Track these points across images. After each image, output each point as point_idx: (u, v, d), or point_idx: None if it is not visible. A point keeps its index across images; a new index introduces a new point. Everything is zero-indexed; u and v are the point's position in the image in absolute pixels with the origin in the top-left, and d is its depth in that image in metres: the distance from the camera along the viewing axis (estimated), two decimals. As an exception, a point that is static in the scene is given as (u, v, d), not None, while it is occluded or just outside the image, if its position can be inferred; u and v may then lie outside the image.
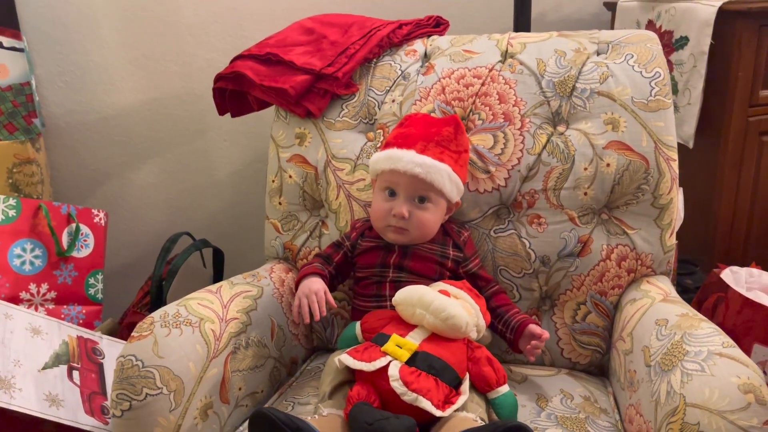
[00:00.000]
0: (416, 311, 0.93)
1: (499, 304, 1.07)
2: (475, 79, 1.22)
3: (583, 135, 1.14)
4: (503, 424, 0.77)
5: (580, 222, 1.13)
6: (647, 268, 1.12)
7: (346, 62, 1.27)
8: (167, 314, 0.96)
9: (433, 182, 1.03)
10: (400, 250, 1.08)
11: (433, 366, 0.89)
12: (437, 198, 1.06)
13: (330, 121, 1.27)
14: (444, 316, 0.91)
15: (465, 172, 1.11)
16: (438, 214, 1.07)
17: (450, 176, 1.05)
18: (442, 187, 1.04)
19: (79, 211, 1.42)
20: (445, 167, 1.04)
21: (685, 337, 0.86)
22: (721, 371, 0.77)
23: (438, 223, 1.08)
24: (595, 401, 1.02)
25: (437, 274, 1.07)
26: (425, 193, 1.05)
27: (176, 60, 1.68)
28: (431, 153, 1.05)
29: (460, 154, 1.09)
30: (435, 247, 1.08)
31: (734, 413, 0.72)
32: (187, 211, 1.78)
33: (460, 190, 1.09)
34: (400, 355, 0.89)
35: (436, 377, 0.88)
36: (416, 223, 1.05)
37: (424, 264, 1.07)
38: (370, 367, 0.88)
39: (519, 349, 1.05)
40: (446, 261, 1.08)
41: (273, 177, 1.30)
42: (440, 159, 1.05)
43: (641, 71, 1.15)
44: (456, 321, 0.91)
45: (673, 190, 1.12)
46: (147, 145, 1.73)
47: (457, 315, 0.91)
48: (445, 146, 1.06)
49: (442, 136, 1.07)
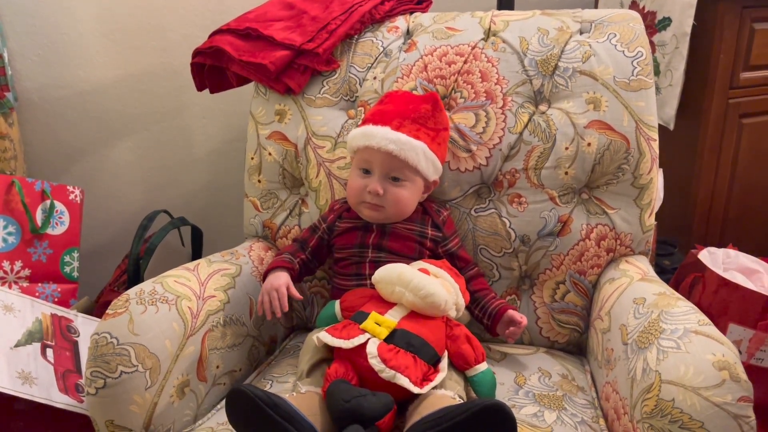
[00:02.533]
0: (395, 289, 0.92)
1: (477, 289, 1.07)
2: (458, 56, 1.21)
3: (565, 114, 1.14)
4: (480, 402, 0.77)
5: (561, 201, 1.13)
6: (626, 247, 1.13)
7: (327, 38, 1.25)
8: (143, 291, 0.95)
9: (407, 159, 1.02)
10: (378, 230, 1.07)
11: (411, 343, 0.88)
12: (412, 176, 1.04)
13: (310, 97, 1.25)
14: (423, 293, 0.90)
15: (444, 150, 1.10)
16: (414, 192, 1.06)
17: (425, 154, 1.03)
18: (417, 165, 1.03)
19: (53, 187, 1.39)
20: (421, 144, 1.03)
21: (662, 315, 0.86)
22: (697, 348, 0.77)
23: (414, 201, 1.07)
24: (572, 379, 1.03)
25: (416, 254, 1.06)
26: (400, 171, 1.04)
27: (153, 34, 1.65)
28: (407, 130, 1.03)
29: (438, 132, 1.07)
30: (414, 226, 1.08)
31: (709, 390, 0.73)
32: (165, 188, 1.76)
33: (438, 169, 1.07)
34: (378, 332, 0.88)
35: (415, 354, 0.88)
36: (391, 200, 1.04)
37: (403, 243, 1.06)
38: (348, 344, 0.87)
39: (496, 334, 1.05)
40: (425, 240, 1.07)
41: (252, 154, 1.28)
42: (416, 136, 1.03)
43: (623, 51, 1.15)
44: (435, 299, 0.91)
45: (653, 170, 1.12)
46: (123, 121, 1.69)
47: (436, 293, 0.91)
48: (422, 123, 1.05)
49: (419, 113, 1.05)
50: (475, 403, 0.77)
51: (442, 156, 1.08)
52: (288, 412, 0.80)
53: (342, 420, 0.81)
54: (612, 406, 0.91)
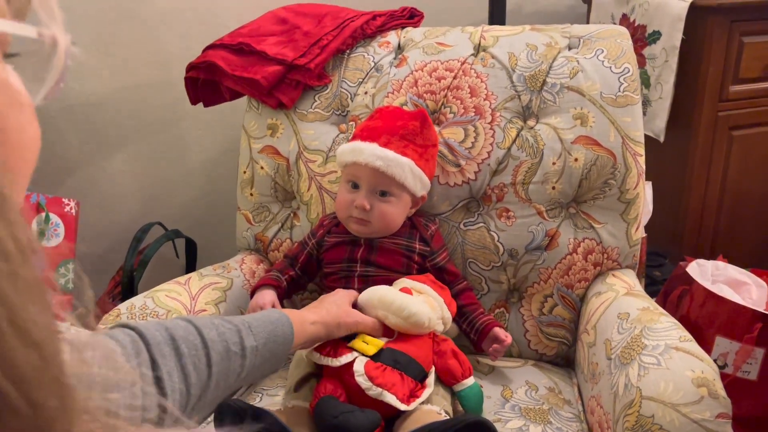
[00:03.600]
0: (378, 312, 0.93)
1: (465, 303, 1.07)
2: (448, 72, 1.22)
3: (552, 129, 1.15)
4: (465, 418, 0.79)
5: (548, 216, 1.14)
6: (613, 261, 1.14)
7: (319, 53, 1.27)
8: (134, 306, 0.96)
9: (394, 176, 1.03)
10: (366, 245, 1.08)
11: (398, 361, 0.89)
12: (399, 192, 1.05)
13: (302, 112, 1.27)
14: (405, 314, 0.91)
15: (432, 166, 1.11)
16: (400, 208, 1.07)
17: (412, 170, 1.04)
18: (404, 181, 1.04)
19: (48, 200, 1.41)
20: (408, 161, 1.04)
21: (644, 330, 0.88)
22: (677, 365, 0.79)
23: (401, 216, 1.08)
24: (559, 392, 1.04)
25: (404, 268, 1.07)
26: (387, 187, 1.05)
27: (148, 48, 1.66)
28: (394, 146, 1.04)
29: (426, 148, 1.08)
30: (401, 240, 1.09)
31: (687, 406, 0.74)
32: (160, 200, 1.77)
33: (426, 185, 1.08)
34: (366, 350, 0.89)
35: (402, 372, 0.89)
36: (378, 216, 1.05)
37: (391, 257, 1.07)
38: (335, 362, 0.89)
39: (482, 349, 1.06)
40: (413, 254, 1.08)
41: (244, 168, 1.29)
42: (403, 153, 1.04)
43: (611, 66, 1.16)
44: (418, 318, 0.92)
45: (639, 185, 1.13)
46: (119, 133, 1.71)
47: (418, 312, 0.92)
48: (410, 140, 1.06)
49: (407, 129, 1.06)
50: (460, 419, 0.79)
51: (430, 172, 1.09)
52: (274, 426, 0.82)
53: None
54: (597, 420, 0.92)
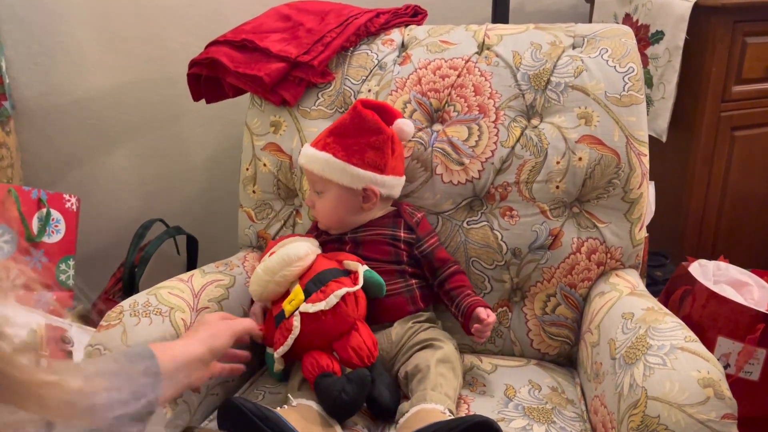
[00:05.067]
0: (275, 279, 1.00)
1: (452, 287, 1.07)
2: (451, 70, 1.22)
3: (557, 129, 1.15)
4: (470, 418, 0.79)
5: (552, 215, 1.14)
6: (616, 261, 1.14)
7: (323, 50, 1.27)
8: (137, 303, 0.96)
9: (312, 171, 1.08)
10: (351, 241, 1.10)
11: (320, 280, 0.97)
12: (327, 186, 1.08)
13: (305, 109, 1.26)
14: (291, 258, 0.99)
15: (372, 156, 1.07)
16: (338, 201, 1.08)
17: (329, 163, 1.06)
18: (324, 175, 1.07)
19: (50, 195, 1.40)
20: (324, 156, 1.07)
21: (649, 331, 0.88)
22: (682, 365, 0.79)
23: (344, 209, 1.09)
24: (562, 392, 1.04)
25: (393, 257, 1.08)
26: (317, 184, 1.10)
27: (151, 43, 1.66)
28: (320, 143, 1.09)
29: (357, 139, 1.07)
30: (385, 230, 1.09)
31: (693, 407, 0.74)
32: (161, 197, 1.77)
33: (359, 176, 1.06)
34: (298, 302, 0.96)
35: (333, 280, 0.97)
36: (319, 212, 1.11)
37: (378, 248, 1.08)
38: (292, 337, 0.94)
39: (471, 332, 1.04)
40: (398, 243, 1.09)
41: (247, 165, 1.29)
42: (323, 148, 1.08)
43: (615, 66, 1.16)
44: (293, 254, 0.99)
45: (643, 184, 1.13)
46: (120, 129, 1.70)
47: (290, 254, 0.99)
48: (338, 134, 1.09)
49: (336, 125, 1.11)
50: (465, 420, 0.79)
51: (366, 162, 1.06)
52: (278, 425, 0.82)
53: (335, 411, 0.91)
54: (600, 420, 0.92)
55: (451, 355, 0.99)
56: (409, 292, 1.07)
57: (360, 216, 1.10)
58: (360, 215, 1.10)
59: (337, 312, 0.94)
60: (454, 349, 1.02)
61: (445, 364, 0.96)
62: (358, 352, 0.94)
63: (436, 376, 0.93)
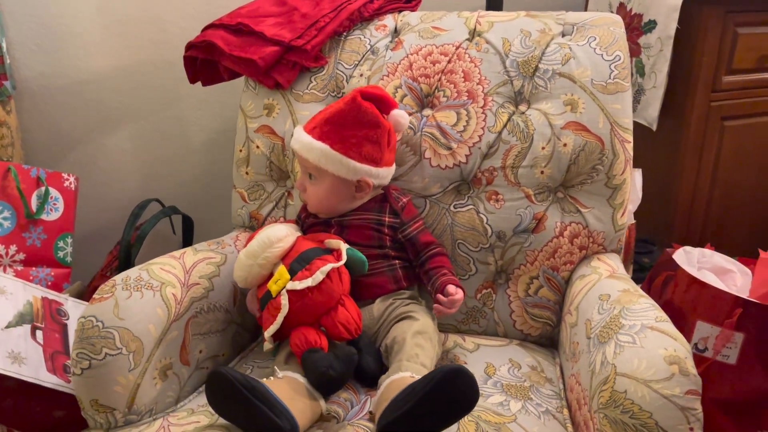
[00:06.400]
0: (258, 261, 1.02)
1: (431, 267, 1.10)
2: (442, 56, 1.24)
3: (543, 115, 1.17)
4: (440, 370, 0.81)
5: (536, 200, 1.16)
6: (599, 245, 1.16)
7: (316, 35, 1.29)
8: (129, 278, 0.99)
9: (308, 159, 1.08)
10: (336, 224, 1.12)
11: (304, 259, 1.00)
12: (321, 174, 1.09)
13: (298, 93, 1.29)
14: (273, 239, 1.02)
15: (370, 150, 1.08)
16: (332, 190, 1.09)
17: (326, 154, 1.06)
18: (319, 165, 1.07)
19: (48, 174, 1.43)
20: (321, 146, 1.06)
21: (623, 311, 0.90)
22: (651, 343, 0.81)
23: (336, 197, 1.10)
24: (541, 371, 1.07)
25: (376, 241, 1.10)
26: (310, 169, 1.10)
27: (151, 26, 1.68)
28: (317, 132, 1.08)
29: (354, 132, 1.07)
30: (370, 215, 1.12)
31: (658, 383, 0.77)
32: (159, 178, 1.79)
33: (355, 169, 1.07)
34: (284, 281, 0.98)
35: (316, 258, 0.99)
36: (310, 196, 1.12)
37: (362, 233, 1.10)
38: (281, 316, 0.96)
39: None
40: (382, 227, 1.11)
41: (240, 147, 1.32)
42: (320, 138, 1.07)
43: (602, 54, 1.18)
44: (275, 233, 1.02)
45: (626, 171, 1.15)
46: (120, 111, 1.73)
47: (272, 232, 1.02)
48: (335, 124, 1.08)
49: (333, 114, 1.09)
50: (436, 373, 0.82)
51: (364, 155, 1.08)
52: (264, 395, 0.84)
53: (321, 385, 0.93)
54: (575, 397, 0.95)
55: (427, 326, 1.01)
56: (391, 271, 1.10)
57: (350, 203, 1.12)
58: (351, 203, 1.12)
59: (323, 288, 0.97)
60: (432, 321, 1.04)
61: (422, 335, 0.99)
62: (347, 326, 0.97)
63: (412, 347, 0.95)
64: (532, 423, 0.91)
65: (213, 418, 0.91)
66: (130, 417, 0.94)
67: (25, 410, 1.09)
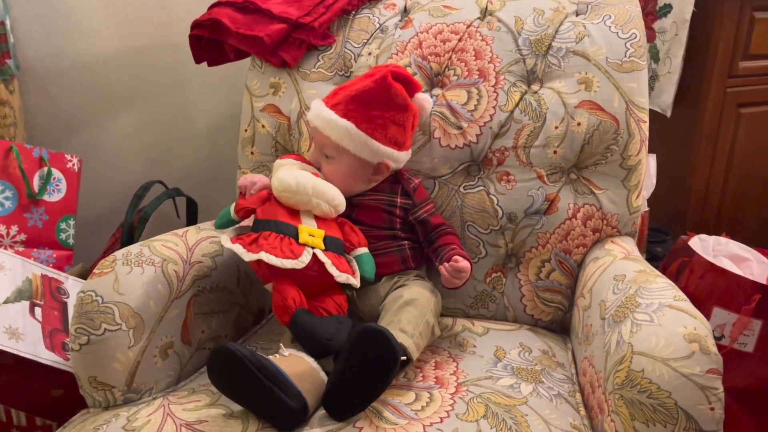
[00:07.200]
0: (312, 200, 0.97)
1: (440, 244, 1.06)
2: (453, 34, 1.21)
3: (556, 94, 1.14)
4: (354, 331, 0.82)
5: (549, 180, 1.13)
6: (612, 228, 1.13)
7: (324, 12, 1.26)
8: (130, 253, 0.96)
9: (329, 137, 1.03)
10: (347, 203, 1.07)
11: (337, 246, 0.98)
12: (340, 154, 1.04)
13: (305, 71, 1.26)
14: (336, 203, 1.00)
15: (394, 133, 1.05)
16: (348, 170, 1.05)
17: (350, 133, 1.02)
18: (341, 143, 1.03)
19: (51, 155, 1.41)
20: (346, 124, 1.02)
21: (639, 290, 0.87)
22: (669, 321, 0.78)
23: (352, 179, 1.06)
24: (553, 355, 1.04)
25: (386, 223, 1.07)
26: (328, 148, 1.05)
27: (155, 8, 1.66)
28: (340, 108, 1.03)
29: (382, 113, 1.04)
30: (383, 196, 1.08)
31: (678, 361, 0.74)
32: (163, 161, 1.77)
33: (378, 151, 1.04)
34: (318, 243, 0.95)
35: (339, 254, 0.98)
36: (326, 176, 1.05)
37: (373, 214, 1.07)
38: (300, 264, 0.91)
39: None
40: (394, 209, 1.08)
41: (246, 126, 1.29)
42: (345, 115, 1.02)
43: (618, 32, 1.15)
44: (339, 200, 1.00)
45: (642, 151, 1.12)
46: (124, 93, 1.71)
47: (339, 195, 1.00)
48: (362, 103, 1.03)
49: (361, 92, 1.04)
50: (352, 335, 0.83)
51: (389, 138, 1.04)
52: (275, 374, 0.80)
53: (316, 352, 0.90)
54: (588, 380, 0.92)
55: (419, 295, 0.97)
56: (400, 251, 1.07)
57: (365, 185, 1.09)
58: (366, 185, 1.09)
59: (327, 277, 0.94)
60: (428, 292, 1.00)
61: (411, 303, 0.95)
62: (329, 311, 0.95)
63: (395, 313, 0.93)
64: (543, 406, 0.88)
65: (214, 397, 0.89)
66: (129, 395, 0.91)
67: (21, 388, 1.07)
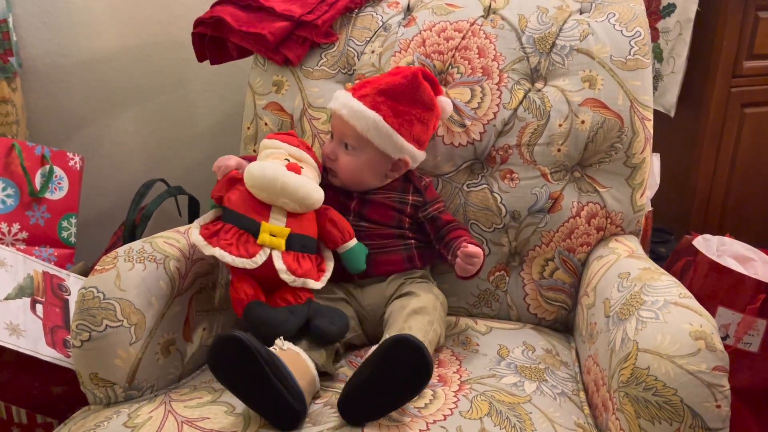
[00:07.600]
0: (279, 200, 0.94)
1: (451, 238, 1.05)
2: (456, 32, 1.21)
3: (560, 92, 1.14)
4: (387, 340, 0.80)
5: (552, 178, 1.13)
6: (616, 226, 1.13)
7: (327, 10, 1.26)
8: (132, 249, 0.96)
9: (355, 127, 1.02)
10: (358, 198, 1.07)
11: (304, 245, 0.95)
12: (363, 146, 1.03)
13: (308, 69, 1.26)
14: (309, 203, 0.95)
15: (419, 131, 1.05)
16: (367, 164, 1.04)
17: (377, 126, 1.01)
18: (365, 134, 1.01)
19: (53, 153, 1.40)
20: (373, 115, 1.01)
21: (644, 288, 0.87)
22: (675, 319, 0.78)
23: (369, 173, 1.05)
24: (556, 354, 1.03)
25: (396, 222, 1.07)
26: (350, 138, 1.04)
27: (157, 6, 1.65)
28: (370, 99, 1.02)
29: (410, 109, 1.03)
30: (393, 194, 1.08)
31: (683, 358, 0.73)
32: (165, 160, 1.77)
33: (399, 147, 1.03)
34: (277, 244, 0.92)
35: (308, 254, 0.95)
36: (341, 167, 1.05)
37: (383, 211, 1.07)
38: (253, 264, 0.90)
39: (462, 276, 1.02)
40: (405, 207, 1.07)
41: (248, 124, 1.29)
42: (373, 107, 1.01)
43: (622, 30, 1.14)
44: (314, 201, 0.96)
45: (646, 149, 1.12)
46: (126, 91, 1.70)
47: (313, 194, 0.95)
48: (390, 97, 1.02)
49: (390, 85, 1.03)
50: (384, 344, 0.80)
51: (412, 136, 1.04)
52: (283, 373, 0.78)
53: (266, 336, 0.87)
54: (592, 378, 0.91)
55: (427, 303, 0.96)
56: (406, 250, 1.06)
57: (380, 181, 1.08)
58: (381, 181, 1.08)
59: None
60: (436, 300, 0.99)
61: (419, 312, 0.94)
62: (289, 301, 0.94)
63: (405, 320, 0.91)
64: (547, 404, 0.87)
65: (216, 394, 0.88)
66: (130, 392, 0.91)
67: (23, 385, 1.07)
